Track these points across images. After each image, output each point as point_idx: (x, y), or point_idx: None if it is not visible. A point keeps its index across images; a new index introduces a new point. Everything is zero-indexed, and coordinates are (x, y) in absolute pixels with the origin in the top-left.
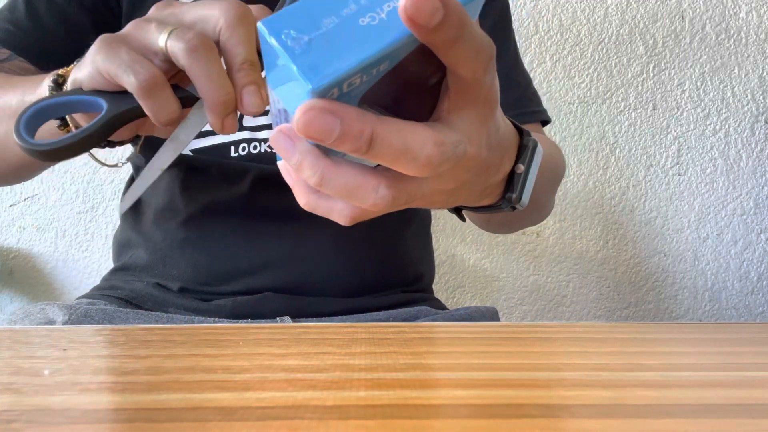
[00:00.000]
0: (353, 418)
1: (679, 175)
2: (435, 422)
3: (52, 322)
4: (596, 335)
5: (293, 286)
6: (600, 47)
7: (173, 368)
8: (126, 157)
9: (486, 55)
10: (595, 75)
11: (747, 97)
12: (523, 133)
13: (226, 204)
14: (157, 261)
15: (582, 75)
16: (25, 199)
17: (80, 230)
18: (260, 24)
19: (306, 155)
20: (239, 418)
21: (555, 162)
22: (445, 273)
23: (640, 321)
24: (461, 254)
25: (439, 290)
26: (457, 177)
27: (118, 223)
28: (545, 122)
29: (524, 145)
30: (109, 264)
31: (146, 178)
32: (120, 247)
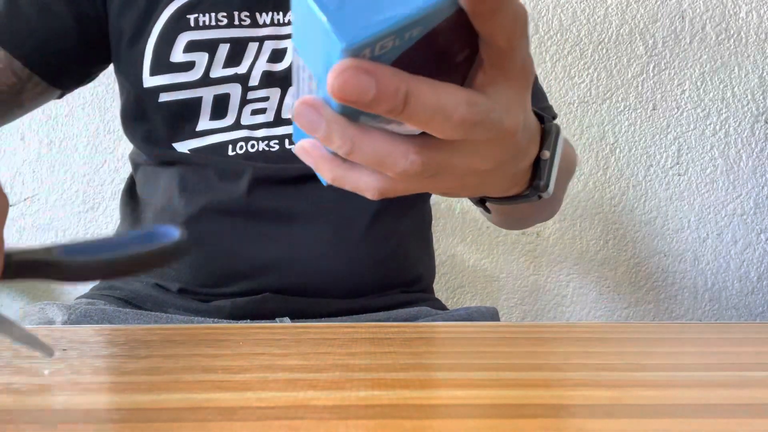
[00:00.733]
0: (353, 418)
1: (679, 175)
2: (435, 422)
3: (51, 322)
4: (596, 335)
5: (293, 287)
6: (600, 47)
7: (173, 368)
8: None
9: (523, 21)
10: (595, 75)
11: (747, 97)
12: (545, 119)
13: (225, 204)
14: None
15: (582, 75)
16: (25, 199)
17: (80, 230)
18: None
19: (334, 124)
20: (239, 418)
21: (570, 154)
22: (445, 273)
23: (640, 321)
24: (461, 254)
25: (439, 290)
26: (494, 155)
27: (118, 222)
28: (552, 118)
29: (547, 130)
30: None
31: None
32: None
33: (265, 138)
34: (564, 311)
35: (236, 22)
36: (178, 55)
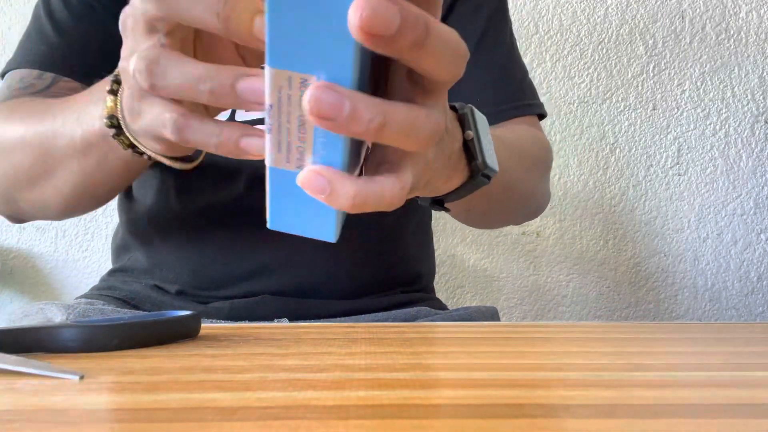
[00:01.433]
0: (353, 418)
1: (679, 175)
2: (435, 422)
3: (51, 321)
4: (596, 335)
5: (291, 289)
6: (600, 47)
7: (173, 368)
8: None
9: (463, 55)
10: (595, 75)
11: (747, 97)
12: (457, 107)
13: (222, 206)
14: (154, 264)
15: (582, 75)
16: None
17: (80, 230)
18: None
19: (358, 100)
20: (239, 418)
21: (524, 146)
22: (445, 273)
23: (640, 321)
24: (461, 254)
25: (439, 290)
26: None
27: (117, 223)
28: (542, 116)
29: (463, 114)
30: (109, 264)
31: None
32: (118, 249)
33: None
34: (564, 311)
35: None
36: None
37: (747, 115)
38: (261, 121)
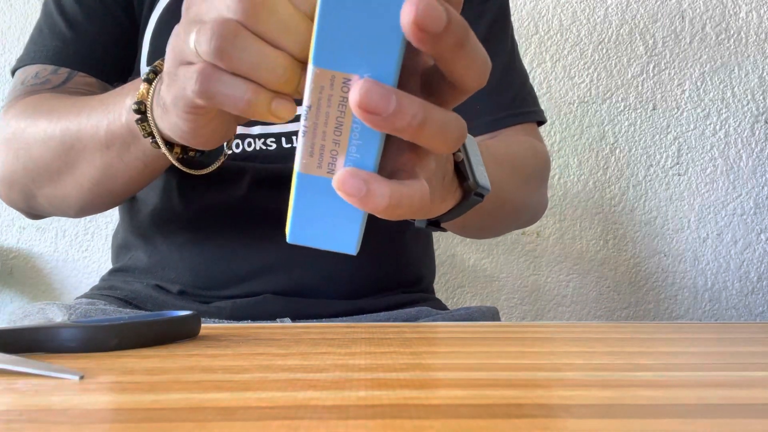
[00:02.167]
0: (353, 418)
1: (679, 175)
2: (435, 422)
3: (51, 321)
4: (596, 335)
5: (293, 288)
6: (600, 47)
7: (173, 368)
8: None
9: (489, 65)
10: (595, 75)
11: (747, 97)
12: None
13: (224, 206)
14: (155, 264)
15: (582, 75)
16: None
17: (80, 230)
18: None
19: (402, 96)
20: (239, 418)
21: (518, 159)
22: (445, 273)
23: (640, 321)
24: (461, 254)
25: (440, 290)
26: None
27: (118, 222)
28: (541, 122)
29: None
30: (109, 264)
31: None
32: (119, 249)
33: (261, 136)
34: (564, 311)
35: None
36: None
37: (747, 115)
38: (260, 121)
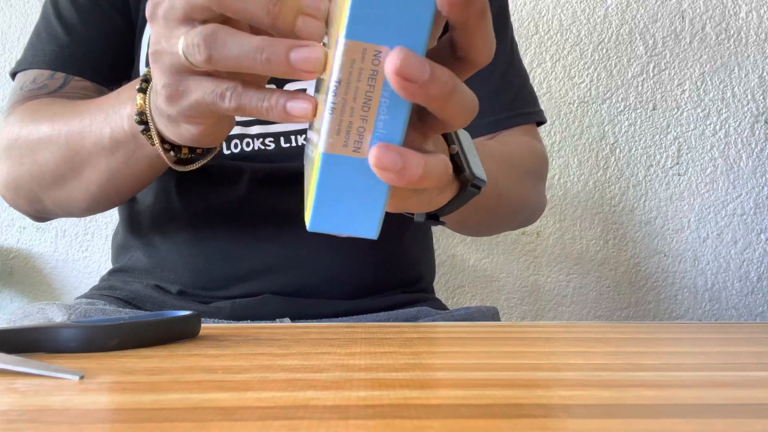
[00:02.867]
0: (353, 418)
1: (679, 175)
2: (435, 422)
3: (51, 321)
4: (596, 335)
5: (293, 288)
6: (600, 47)
7: (173, 368)
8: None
9: (495, 46)
10: (595, 75)
11: (747, 97)
12: None
13: (224, 207)
14: (155, 264)
15: (582, 75)
16: None
17: (80, 230)
18: None
19: (434, 65)
20: (239, 418)
21: (514, 157)
22: (445, 273)
23: (640, 321)
24: (461, 254)
25: (439, 290)
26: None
27: (117, 222)
28: (540, 122)
29: None
30: (109, 264)
31: None
32: (118, 249)
33: (259, 135)
34: (564, 311)
35: None
36: None
37: (747, 115)
38: (259, 121)
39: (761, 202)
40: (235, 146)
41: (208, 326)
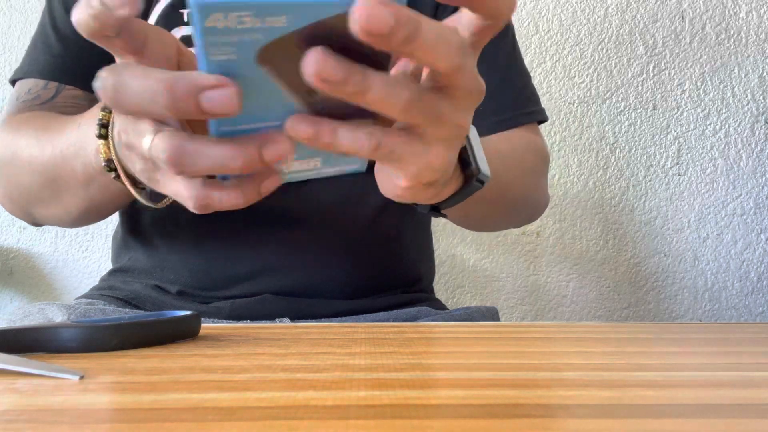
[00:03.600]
0: (353, 418)
1: (679, 175)
2: (435, 422)
3: (51, 322)
4: (596, 335)
5: (292, 288)
6: (600, 47)
7: (173, 368)
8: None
9: (457, 42)
10: (595, 75)
11: (747, 97)
12: None
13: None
14: (155, 265)
15: (582, 75)
16: None
17: (80, 230)
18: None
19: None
20: (239, 418)
21: (517, 155)
22: (445, 273)
23: (640, 321)
24: (461, 254)
25: (439, 290)
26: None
27: (117, 223)
28: (542, 121)
29: None
30: (109, 264)
31: None
32: (118, 249)
33: None
34: (564, 311)
35: None
36: None
37: (747, 115)
38: None
39: (761, 202)
40: None
41: (208, 326)
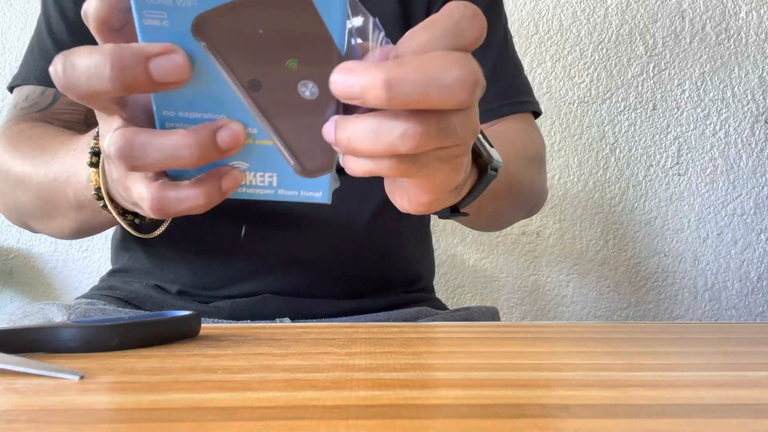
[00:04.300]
0: (353, 418)
1: (679, 175)
2: (435, 422)
3: (51, 321)
4: (596, 335)
5: (292, 288)
6: (600, 47)
7: (173, 368)
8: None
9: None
10: (595, 75)
11: (747, 97)
12: None
13: (223, 206)
14: (155, 265)
15: (582, 75)
16: None
17: None
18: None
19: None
20: (239, 418)
21: (518, 143)
22: (445, 273)
23: (640, 321)
24: (461, 254)
25: (439, 290)
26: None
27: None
28: (537, 113)
29: None
30: (109, 264)
31: None
32: (118, 249)
33: None
34: (564, 311)
35: None
36: None
37: (747, 115)
38: None
39: (761, 202)
40: None
41: (208, 326)
